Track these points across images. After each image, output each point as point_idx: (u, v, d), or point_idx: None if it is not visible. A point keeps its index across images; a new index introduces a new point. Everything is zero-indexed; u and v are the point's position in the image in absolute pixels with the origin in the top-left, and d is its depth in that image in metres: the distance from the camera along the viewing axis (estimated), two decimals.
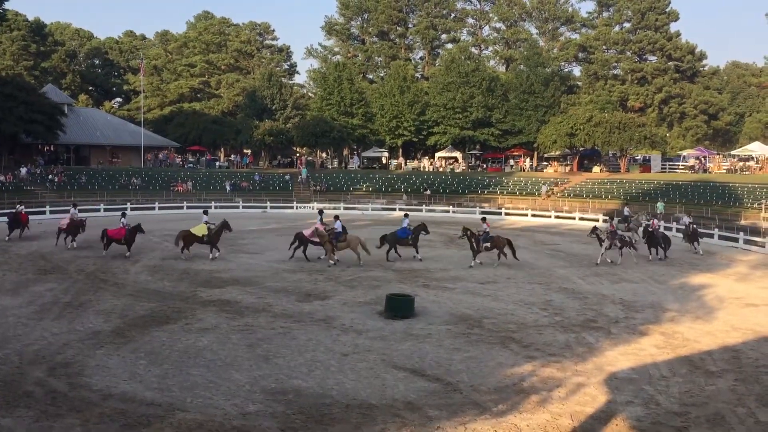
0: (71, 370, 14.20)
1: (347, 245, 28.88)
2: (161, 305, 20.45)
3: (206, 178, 67.56)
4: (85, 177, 62.06)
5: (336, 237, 28.71)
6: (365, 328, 18.17)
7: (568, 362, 15.40)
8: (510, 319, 19.52)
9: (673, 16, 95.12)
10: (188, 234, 29.94)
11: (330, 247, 28.66)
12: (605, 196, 60.04)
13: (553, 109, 77.69)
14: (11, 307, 19.84)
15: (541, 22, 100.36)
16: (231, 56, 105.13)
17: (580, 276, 27.22)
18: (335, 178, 71.52)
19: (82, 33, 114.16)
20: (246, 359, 15.24)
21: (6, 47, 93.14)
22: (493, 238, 29.21)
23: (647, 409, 12.57)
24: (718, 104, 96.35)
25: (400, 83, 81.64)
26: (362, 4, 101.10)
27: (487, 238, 29.08)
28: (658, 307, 21.42)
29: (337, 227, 29.09)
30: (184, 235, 29.86)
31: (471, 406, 12.64)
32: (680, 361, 15.66)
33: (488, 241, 29.04)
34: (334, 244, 28.64)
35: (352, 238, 29.12)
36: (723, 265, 31.63)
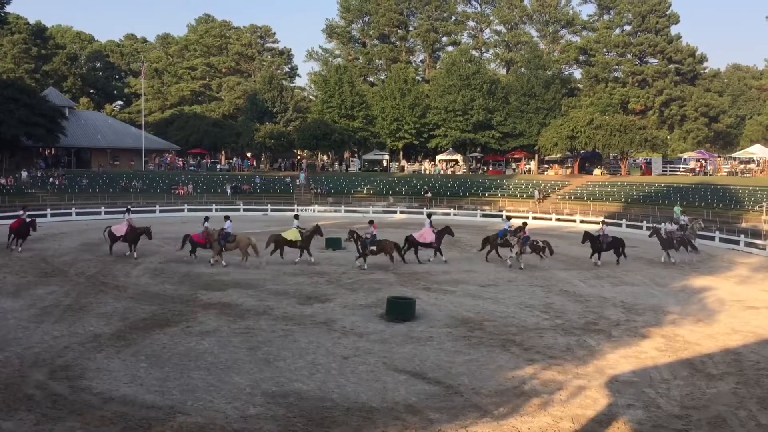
0: (72, 373, 14.19)
1: (236, 246, 28.97)
2: (162, 308, 20.46)
3: (207, 181, 67.57)
4: (86, 180, 62.08)
5: (225, 238, 28.74)
6: (366, 330, 18.17)
7: (569, 365, 15.39)
8: (511, 321, 19.52)
9: (674, 19, 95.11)
10: (280, 238, 30.10)
11: (218, 247, 28.74)
12: (606, 198, 60.00)
13: (554, 111, 77.68)
14: (12, 310, 19.84)
15: (542, 25, 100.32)
16: (232, 59, 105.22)
17: (581, 279, 27.21)
18: (336, 180, 71.51)
19: (83, 36, 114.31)
20: (247, 362, 15.23)
21: (7, 50, 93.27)
22: (380, 241, 28.96)
23: (648, 412, 12.56)
24: (719, 107, 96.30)
25: (401, 86, 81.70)
26: (363, 7, 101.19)
27: (373, 241, 28.81)
28: (659, 310, 21.41)
29: (227, 227, 29.10)
30: (275, 239, 30.02)
31: (472, 409, 12.64)
32: (681, 363, 15.65)
33: (375, 244, 28.81)
34: (222, 245, 28.70)
35: (242, 240, 29.12)
36: (724, 267, 31.61)
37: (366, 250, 28.66)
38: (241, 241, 28.99)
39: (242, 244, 28.94)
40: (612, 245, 31.40)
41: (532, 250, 29.82)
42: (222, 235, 28.80)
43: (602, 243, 31.16)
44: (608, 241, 31.35)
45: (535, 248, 29.81)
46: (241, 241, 28.99)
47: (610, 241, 31.39)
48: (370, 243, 28.70)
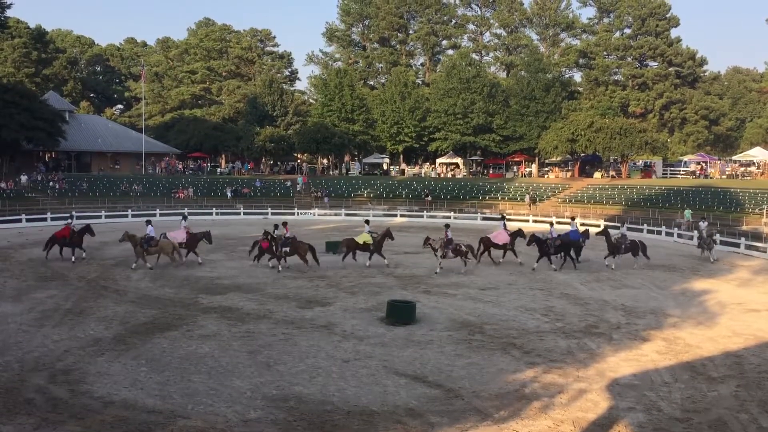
0: (72, 377, 14.19)
1: (159, 250, 29.10)
2: (162, 312, 20.45)
3: (207, 185, 67.56)
4: (86, 184, 62.09)
5: (147, 242, 28.77)
6: (366, 334, 18.16)
7: (569, 368, 15.38)
8: (511, 325, 19.50)
9: (674, 22, 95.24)
10: (352, 242, 30.50)
11: (140, 251, 28.72)
12: (606, 201, 59.98)
13: (554, 114, 77.71)
14: (12, 314, 19.83)
15: (542, 28, 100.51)
16: (232, 63, 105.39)
17: (582, 282, 27.19)
18: (336, 184, 71.49)
19: (83, 40, 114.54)
20: (247, 366, 15.22)
21: (7, 54, 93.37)
22: (293, 243, 28.93)
23: (649, 415, 12.54)
24: (719, 110, 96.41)
25: (401, 89, 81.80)
26: (363, 10, 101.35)
27: (286, 243, 28.82)
28: (660, 313, 21.39)
29: (149, 232, 29.14)
30: (347, 243, 30.54)
31: (473, 412, 12.62)
32: (682, 366, 15.64)
33: (287, 245, 28.82)
34: (144, 249, 28.73)
35: (165, 244, 29.28)
36: (724, 270, 31.57)
37: (279, 251, 28.70)
38: (163, 246, 29.20)
39: (165, 249, 29.16)
40: (561, 248, 30.28)
41: (455, 254, 29.11)
42: (145, 240, 28.82)
43: (550, 246, 30.03)
44: (556, 244, 30.12)
45: (458, 252, 29.13)
46: (163, 246, 29.20)
47: (558, 245, 30.19)
48: (282, 244, 28.74)
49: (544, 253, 30.04)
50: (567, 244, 30.63)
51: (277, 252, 28.78)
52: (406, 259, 32.06)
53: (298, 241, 29.23)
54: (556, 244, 30.13)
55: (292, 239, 29.10)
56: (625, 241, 31.37)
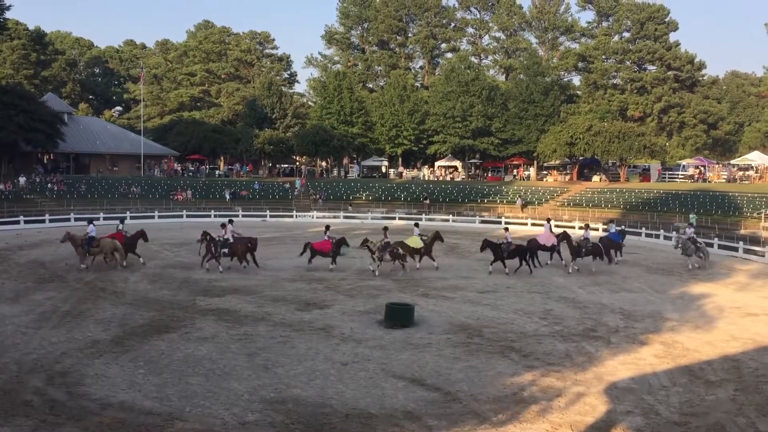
0: (70, 379, 14.17)
1: (100, 251, 29.00)
2: (160, 314, 20.43)
3: (206, 187, 67.54)
4: (85, 185, 62.05)
5: (89, 243, 28.70)
6: (365, 337, 18.15)
7: (567, 372, 15.38)
8: (510, 328, 19.50)
9: (673, 26, 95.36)
10: (404, 245, 30.44)
11: (82, 252, 28.67)
12: (605, 205, 60.03)
13: (553, 118, 77.79)
14: (10, 316, 19.82)
15: (541, 32, 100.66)
16: (231, 65, 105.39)
17: (580, 285, 27.18)
18: (335, 187, 71.51)
19: (82, 42, 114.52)
20: (245, 368, 15.21)
21: (6, 56, 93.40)
22: (232, 244, 28.95)
23: (647, 419, 12.54)
24: (718, 114, 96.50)
25: (400, 92, 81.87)
26: (362, 13, 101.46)
27: (225, 243, 28.82)
28: (658, 317, 21.39)
29: (91, 232, 29.11)
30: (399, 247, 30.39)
31: (471, 415, 12.62)
32: (680, 370, 15.64)
33: (227, 246, 28.80)
34: (86, 249, 28.67)
35: (106, 244, 29.17)
36: (723, 274, 31.57)
37: (218, 252, 28.68)
38: (105, 246, 29.07)
39: (106, 249, 29.04)
40: (516, 252, 29.67)
41: (392, 257, 28.98)
42: (85, 240, 28.71)
43: (504, 251, 29.42)
44: (511, 248, 29.52)
45: (395, 255, 29.03)
46: (105, 246, 29.07)
47: (513, 249, 29.57)
48: (221, 245, 28.74)
49: (498, 257, 29.53)
50: (524, 249, 29.98)
51: (215, 253, 28.74)
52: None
53: (237, 242, 29.26)
54: (510, 249, 29.49)
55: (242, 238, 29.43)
56: (587, 244, 30.84)
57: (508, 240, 29.91)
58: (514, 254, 29.62)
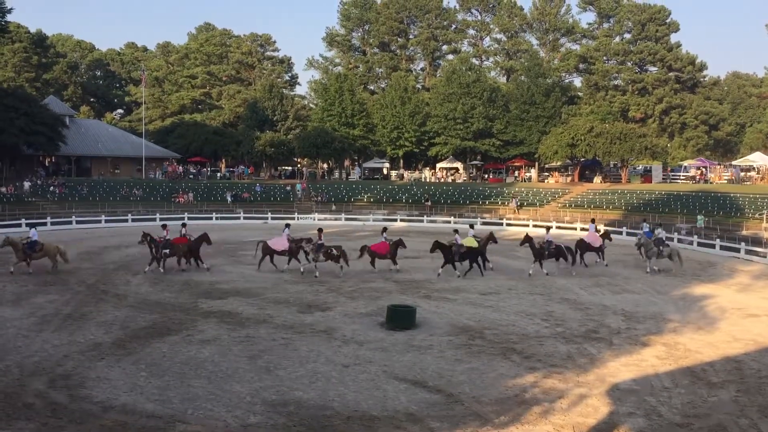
0: (72, 382, 14.18)
1: (44, 254, 28.87)
2: (162, 317, 20.44)
3: (207, 189, 67.60)
4: (87, 188, 62.12)
5: (31, 247, 28.53)
6: (366, 339, 18.14)
7: (570, 373, 15.37)
8: (511, 330, 19.49)
9: (674, 27, 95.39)
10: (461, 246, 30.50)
11: (22, 256, 28.48)
12: (606, 206, 60.01)
13: (554, 119, 77.75)
14: (12, 319, 19.83)
15: (542, 33, 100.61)
16: (232, 67, 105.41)
17: (582, 287, 27.16)
18: (336, 188, 71.54)
19: (83, 45, 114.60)
20: (247, 371, 15.21)
21: (8, 59, 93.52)
22: (173, 245, 28.86)
23: (649, 420, 12.53)
24: (719, 115, 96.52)
25: (401, 94, 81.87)
26: (363, 15, 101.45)
27: (167, 244, 28.72)
28: (660, 318, 21.37)
29: (33, 236, 29.04)
30: None
31: (473, 417, 12.61)
32: (682, 372, 15.62)
33: (168, 247, 28.70)
34: (28, 254, 28.48)
35: (50, 248, 29.08)
36: (724, 275, 31.56)
37: (159, 253, 28.59)
38: (48, 250, 28.98)
39: (50, 253, 28.96)
40: (466, 255, 29.27)
41: (326, 257, 28.90)
42: (27, 244, 28.54)
43: (455, 253, 29.09)
44: (461, 251, 29.16)
45: (329, 256, 28.92)
46: (48, 250, 28.98)
47: (463, 252, 29.19)
48: (162, 246, 28.68)
49: (447, 260, 29.19)
50: (474, 252, 29.56)
51: (157, 254, 28.68)
52: (406, 263, 31.99)
53: (178, 244, 29.27)
54: (461, 252, 29.12)
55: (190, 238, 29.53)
56: (549, 246, 30.27)
57: (458, 242, 29.45)
58: (465, 256, 29.24)
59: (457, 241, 29.56)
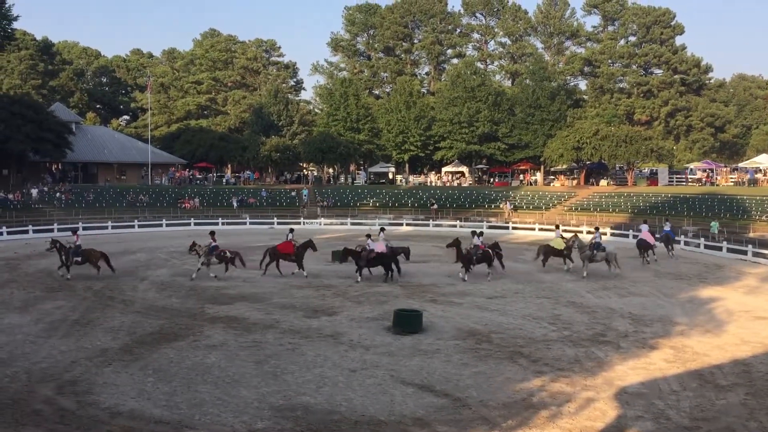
0: (79, 388, 14.20)
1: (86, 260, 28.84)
2: (169, 322, 20.46)
3: (213, 195, 67.72)
4: (93, 194, 62.28)
5: (75, 252, 28.57)
6: (373, 343, 18.13)
7: (577, 377, 15.33)
8: (518, 333, 19.46)
9: (679, 30, 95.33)
10: (549, 248, 32.77)
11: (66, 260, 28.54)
12: (613, 209, 59.90)
13: (560, 123, 77.67)
14: (19, 325, 19.88)
15: (547, 37, 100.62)
16: (237, 73, 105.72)
17: (588, 290, 27.12)
18: (342, 193, 71.57)
19: (89, 52, 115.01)
20: (254, 376, 15.21)
21: (14, 66, 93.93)
22: (84, 251, 28.75)
23: (657, 423, 12.49)
24: (725, 117, 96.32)
25: (406, 98, 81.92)
26: (368, 20, 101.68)
27: (78, 251, 28.58)
28: (667, 321, 21.31)
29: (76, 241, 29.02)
30: (545, 250, 32.71)
31: (480, 421, 12.59)
32: (690, 375, 15.57)
33: (79, 255, 28.55)
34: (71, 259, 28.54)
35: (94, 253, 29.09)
36: (732, 278, 31.46)
37: (70, 260, 28.35)
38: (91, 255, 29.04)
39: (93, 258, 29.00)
40: (378, 261, 28.89)
41: (219, 260, 28.88)
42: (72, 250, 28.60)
43: (363, 258, 28.70)
44: (371, 257, 28.76)
45: (222, 258, 28.90)
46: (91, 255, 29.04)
47: (372, 257, 28.78)
48: (73, 253, 28.42)
49: (358, 265, 28.95)
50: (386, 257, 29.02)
51: (67, 261, 28.45)
52: (412, 267, 31.98)
53: (90, 249, 29.16)
54: (371, 257, 28.76)
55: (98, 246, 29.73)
56: (476, 251, 29.60)
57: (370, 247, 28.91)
58: (375, 262, 28.94)
59: (369, 246, 29.08)
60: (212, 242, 29.30)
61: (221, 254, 29.13)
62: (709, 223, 48.06)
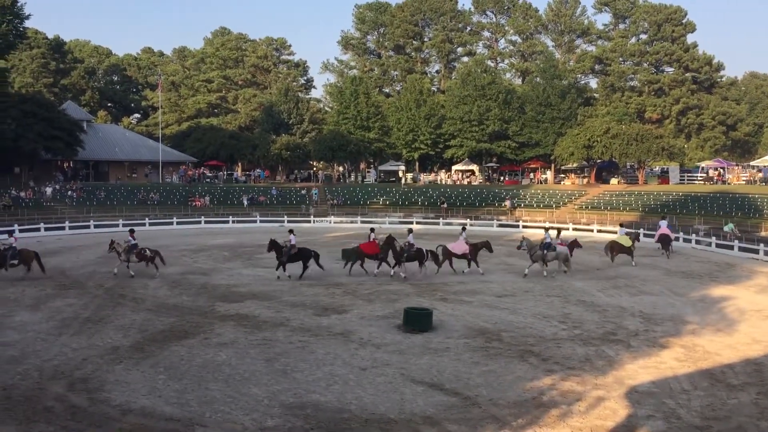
0: (91, 386, 14.27)
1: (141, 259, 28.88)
2: (180, 320, 20.53)
3: (223, 193, 67.88)
4: (104, 193, 62.54)
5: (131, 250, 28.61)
6: (383, 341, 18.14)
7: (587, 376, 15.29)
8: (528, 332, 19.42)
9: (690, 27, 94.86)
10: (616, 244, 34.23)
11: (124, 258, 28.62)
12: (623, 208, 59.70)
13: (570, 121, 77.46)
14: (31, 323, 19.99)
15: (557, 35, 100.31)
16: (248, 71, 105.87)
17: (599, 288, 27.04)
18: (352, 191, 71.60)
19: (100, 50, 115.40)
20: (264, 374, 15.25)
21: (26, 65, 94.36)
22: (20, 252, 28.47)
23: (668, 423, 12.45)
24: (737, 115, 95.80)
25: (416, 97, 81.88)
26: (378, 18, 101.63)
27: (14, 254, 28.21)
28: (678, 320, 21.23)
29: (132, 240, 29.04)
30: (611, 246, 34.16)
31: (490, 420, 12.57)
32: (701, 374, 15.51)
33: (15, 257, 28.20)
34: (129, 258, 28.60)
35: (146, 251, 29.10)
36: (743, 276, 31.30)
37: (6, 263, 27.98)
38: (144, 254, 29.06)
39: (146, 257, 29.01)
40: (297, 256, 28.80)
41: (139, 258, 28.69)
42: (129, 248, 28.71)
43: (285, 254, 28.61)
44: (292, 252, 28.69)
45: (142, 257, 28.73)
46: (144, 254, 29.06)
47: (293, 253, 28.72)
48: (11, 256, 28.05)
49: (280, 262, 28.76)
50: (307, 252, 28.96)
51: (3, 264, 28.05)
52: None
53: (25, 250, 28.93)
54: (291, 252, 28.67)
55: None
56: (409, 249, 29.39)
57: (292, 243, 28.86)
58: (294, 258, 28.79)
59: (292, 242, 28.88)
60: (132, 240, 29.01)
61: (141, 252, 28.94)
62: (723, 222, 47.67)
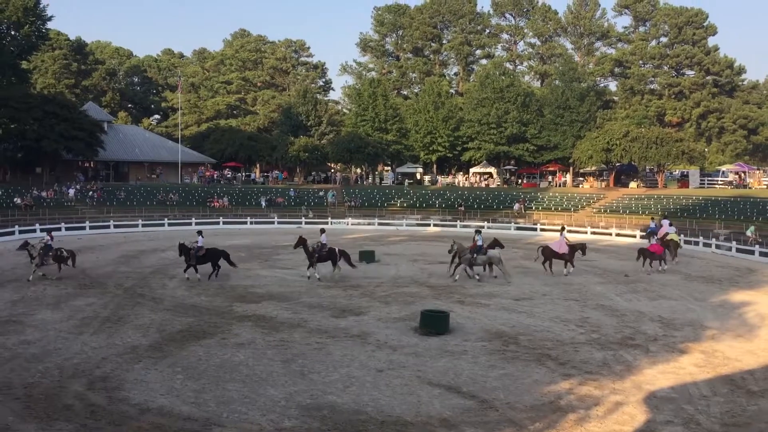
0: (110, 384, 14.38)
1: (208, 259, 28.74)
2: (198, 320, 20.64)
3: (242, 194, 68.12)
4: (124, 193, 62.99)
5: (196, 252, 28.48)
6: (400, 344, 18.13)
7: (605, 380, 15.21)
8: (546, 336, 19.34)
9: (711, 30, 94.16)
10: (673, 242, 36.05)
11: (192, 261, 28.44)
12: (642, 211, 59.29)
13: (589, 124, 77.10)
14: (52, 321, 20.17)
15: (577, 37, 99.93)
16: (267, 73, 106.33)
17: (617, 293, 26.89)
18: (370, 193, 71.61)
19: (121, 51, 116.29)
20: (281, 375, 15.29)
21: (48, 66, 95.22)
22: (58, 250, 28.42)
23: (687, 429, 12.36)
24: (758, 119, 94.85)
25: (435, 99, 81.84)
26: (397, 20, 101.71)
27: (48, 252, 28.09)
28: (698, 325, 21.06)
29: (199, 242, 28.97)
30: (668, 244, 35.48)
31: (507, 424, 12.54)
32: (721, 380, 15.38)
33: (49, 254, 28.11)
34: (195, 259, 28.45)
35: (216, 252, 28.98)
36: (764, 281, 31.00)
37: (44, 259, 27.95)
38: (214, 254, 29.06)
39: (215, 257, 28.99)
40: (206, 258, 28.55)
41: (55, 260, 28.29)
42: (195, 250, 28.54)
43: (193, 256, 28.33)
44: (200, 254, 28.42)
45: (59, 258, 28.33)
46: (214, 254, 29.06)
47: (203, 254, 28.51)
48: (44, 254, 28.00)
49: (188, 264, 28.52)
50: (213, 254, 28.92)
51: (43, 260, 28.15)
52: (440, 268, 31.95)
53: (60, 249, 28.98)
54: (199, 254, 28.43)
55: None
56: (322, 249, 29.02)
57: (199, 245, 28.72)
58: (203, 259, 28.61)
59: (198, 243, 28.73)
60: (48, 240, 28.71)
61: (57, 254, 28.51)
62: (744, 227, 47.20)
